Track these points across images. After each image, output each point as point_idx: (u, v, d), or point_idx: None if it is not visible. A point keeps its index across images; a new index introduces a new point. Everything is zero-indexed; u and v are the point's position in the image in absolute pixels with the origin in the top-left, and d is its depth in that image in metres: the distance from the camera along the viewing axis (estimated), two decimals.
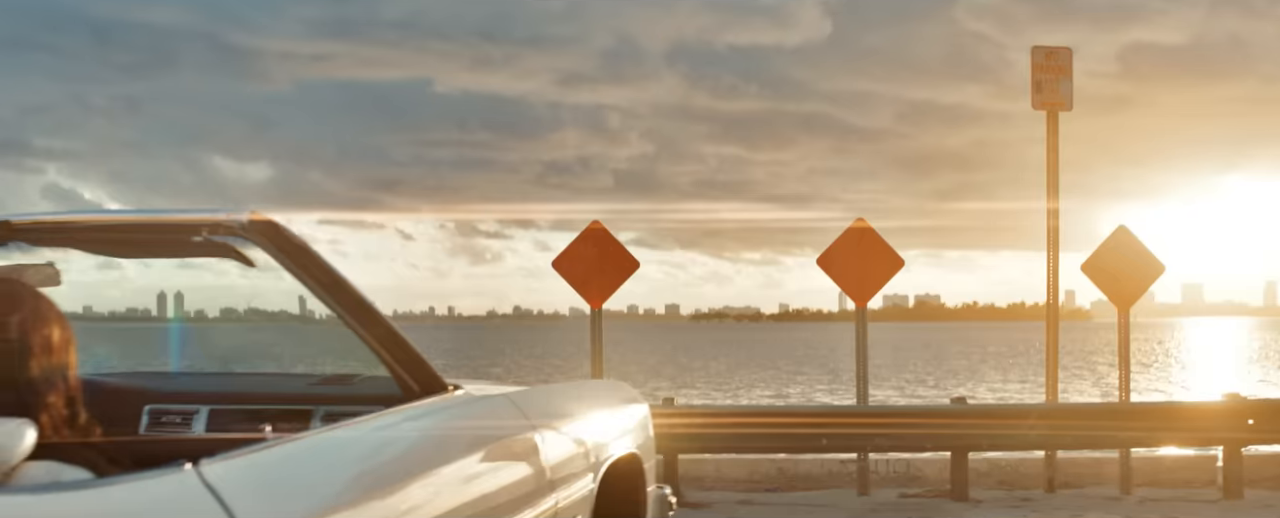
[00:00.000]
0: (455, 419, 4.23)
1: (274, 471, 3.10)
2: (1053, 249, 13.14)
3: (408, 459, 3.81)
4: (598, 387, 6.08)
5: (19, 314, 3.20)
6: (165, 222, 4.09)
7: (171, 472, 2.69)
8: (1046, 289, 13.26)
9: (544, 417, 4.80)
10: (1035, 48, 13.04)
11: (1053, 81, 12.95)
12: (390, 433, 3.84)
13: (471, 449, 4.19)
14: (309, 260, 3.94)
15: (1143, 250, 12.87)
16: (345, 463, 3.47)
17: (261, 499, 2.89)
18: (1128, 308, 12.96)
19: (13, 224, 3.98)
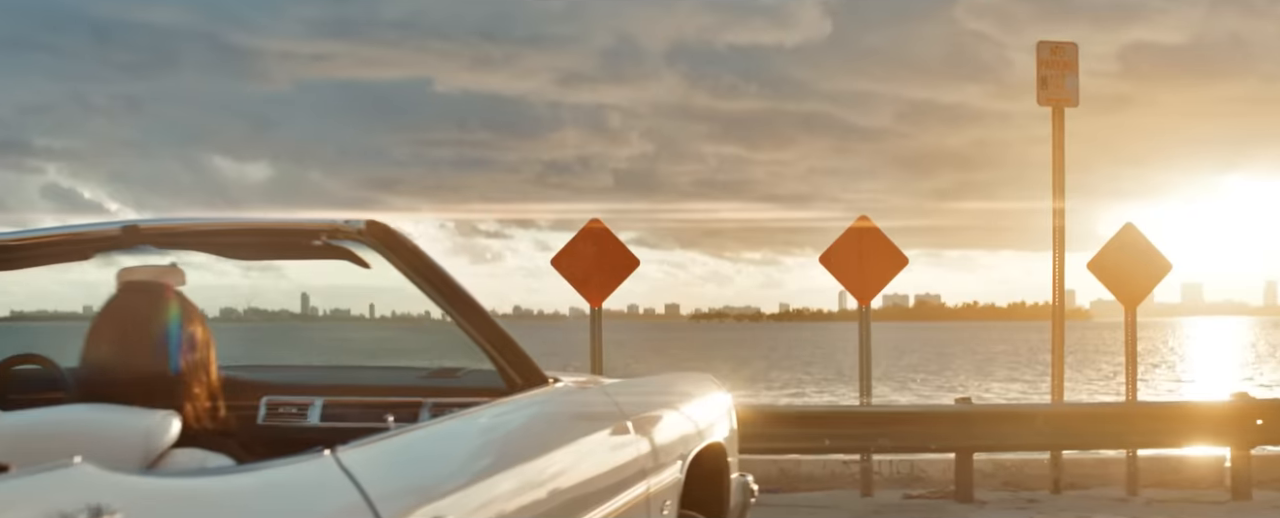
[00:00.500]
0: (555, 410, 4.58)
1: (400, 456, 3.41)
2: (1058, 248, 12.99)
3: (514, 446, 4.13)
4: (686, 379, 6.24)
5: (167, 315, 3.52)
6: (287, 227, 4.48)
7: (312, 457, 2.99)
8: (1052, 288, 13.11)
9: (636, 407, 5.11)
10: (1041, 43, 12.87)
11: (1058, 77, 12.79)
12: (498, 422, 4.20)
13: (570, 438, 4.48)
14: (420, 262, 4.26)
15: (1150, 248, 12.70)
16: (460, 450, 3.83)
17: (391, 481, 3.19)
18: (1135, 307, 12.81)
19: (140, 228, 4.31)
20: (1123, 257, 12.67)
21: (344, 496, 2.98)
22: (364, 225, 4.13)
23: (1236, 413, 12.03)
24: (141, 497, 2.42)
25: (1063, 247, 13.04)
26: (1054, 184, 13.00)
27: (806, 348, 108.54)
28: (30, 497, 2.19)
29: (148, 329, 3.51)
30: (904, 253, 12.73)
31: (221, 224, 4.62)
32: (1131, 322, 12.84)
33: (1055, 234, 13.02)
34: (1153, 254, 12.70)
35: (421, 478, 3.43)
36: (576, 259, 12.28)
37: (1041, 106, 12.91)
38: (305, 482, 2.96)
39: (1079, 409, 14.04)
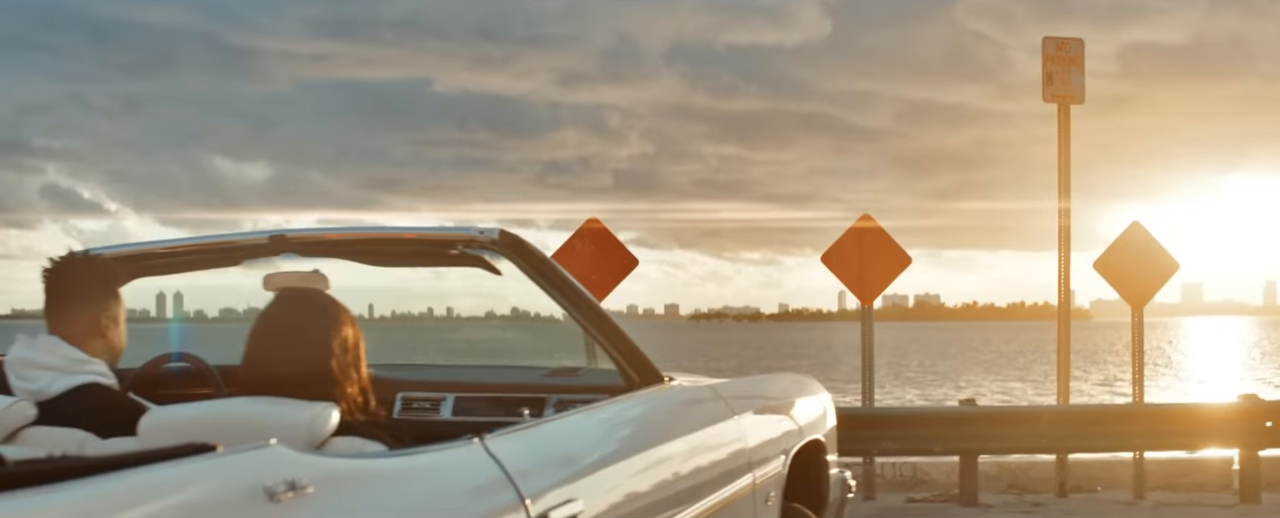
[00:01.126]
0: (671, 405, 4.99)
1: (537, 443, 3.82)
2: (1064, 248, 12.81)
3: (635, 437, 4.53)
4: (789, 380, 6.54)
5: (323, 319, 3.82)
6: (426, 237, 4.89)
7: (463, 443, 3.41)
8: (1058, 289, 12.93)
9: (743, 404, 5.42)
10: (1046, 39, 12.68)
11: (1064, 73, 12.60)
12: (620, 415, 4.63)
13: (684, 431, 4.83)
14: (548, 269, 4.66)
15: (1157, 247, 12.51)
16: (588, 439, 4.22)
17: (530, 465, 3.56)
18: (1141, 307, 12.63)
19: (288, 238, 4.80)
20: (1129, 256, 12.49)
21: (491, 476, 3.40)
22: (497, 235, 4.57)
23: (1245, 414, 11.82)
24: (325, 474, 2.81)
25: (1068, 247, 12.86)
26: (1059, 183, 12.83)
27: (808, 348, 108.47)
28: (237, 472, 2.58)
29: (306, 331, 3.80)
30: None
31: (364, 234, 5.14)
32: (1138, 322, 12.65)
33: (1061, 234, 12.83)
34: (1160, 253, 12.52)
35: (556, 463, 3.80)
36: (574, 259, 12.05)
37: (1047, 104, 12.72)
38: (459, 464, 3.38)
39: (1085, 411, 13.86)
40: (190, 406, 3.56)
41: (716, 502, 4.79)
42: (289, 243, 4.82)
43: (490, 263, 4.79)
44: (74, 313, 4.22)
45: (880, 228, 12.56)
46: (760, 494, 5.30)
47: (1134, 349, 12.73)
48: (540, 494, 3.47)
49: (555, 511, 3.50)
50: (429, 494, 3.18)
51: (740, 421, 5.28)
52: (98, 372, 4.17)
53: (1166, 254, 12.51)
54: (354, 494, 2.89)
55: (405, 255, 5.15)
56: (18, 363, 4.10)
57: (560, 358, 5.95)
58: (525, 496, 3.40)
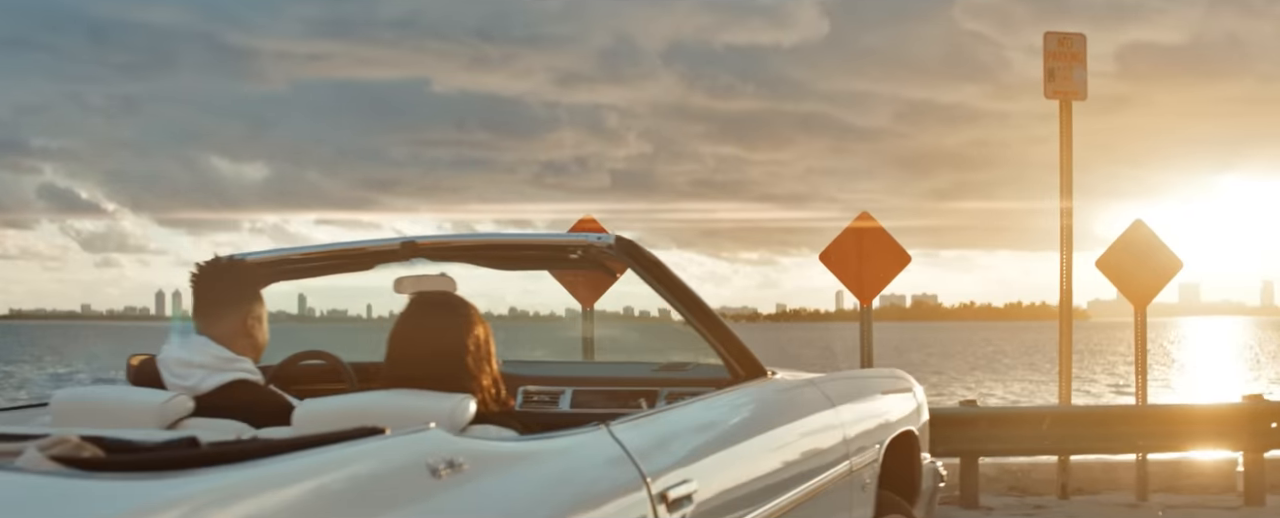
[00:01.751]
0: (774, 397, 5.33)
1: (656, 430, 4.18)
2: (1066, 248, 12.63)
3: (742, 426, 4.86)
4: (883, 375, 6.95)
5: (457, 319, 4.19)
6: (547, 242, 5.43)
7: (591, 429, 3.81)
8: (1060, 289, 12.75)
9: (841, 397, 5.75)
10: (1047, 34, 12.49)
11: (1065, 69, 12.42)
12: (729, 406, 4.96)
13: (787, 421, 5.18)
14: (660, 271, 5.01)
15: (1160, 246, 12.32)
16: (700, 427, 4.54)
17: (651, 450, 3.92)
18: (1144, 306, 12.43)
19: (417, 244, 5.19)
20: (1132, 255, 12.31)
21: (617, 457, 3.76)
22: (614, 241, 4.92)
23: (1250, 415, 11.64)
24: (477, 454, 3.20)
25: (1070, 247, 12.68)
26: (1061, 182, 12.65)
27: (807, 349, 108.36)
28: (402, 452, 2.98)
29: (443, 331, 4.15)
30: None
31: (489, 240, 5.48)
32: (1141, 322, 12.47)
33: (1063, 234, 12.66)
34: (1163, 252, 12.33)
35: (672, 447, 4.14)
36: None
37: (1047, 101, 12.54)
38: (589, 446, 3.74)
39: (1087, 412, 13.66)
40: (339, 398, 3.97)
41: (816, 486, 5.12)
42: (419, 248, 5.21)
43: (608, 266, 5.33)
44: (222, 314, 4.58)
45: (879, 226, 12.38)
46: (856, 481, 5.63)
47: (1137, 349, 12.56)
48: (659, 474, 3.85)
49: (673, 489, 3.87)
50: (565, 472, 3.56)
51: (838, 412, 5.61)
52: (245, 369, 4.53)
53: (1170, 253, 12.32)
54: (501, 472, 3.26)
55: (528, 260, 5.67)
56: (172, 362, 4.44)
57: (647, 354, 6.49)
58: (646, 475, 3.78)
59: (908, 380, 6.96)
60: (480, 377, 4.15)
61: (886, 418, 6.21)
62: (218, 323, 4.57)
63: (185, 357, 4.44)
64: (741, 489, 4.44)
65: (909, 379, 7.01)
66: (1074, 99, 12.53)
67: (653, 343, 12.04)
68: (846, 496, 5.53)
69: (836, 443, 5.46)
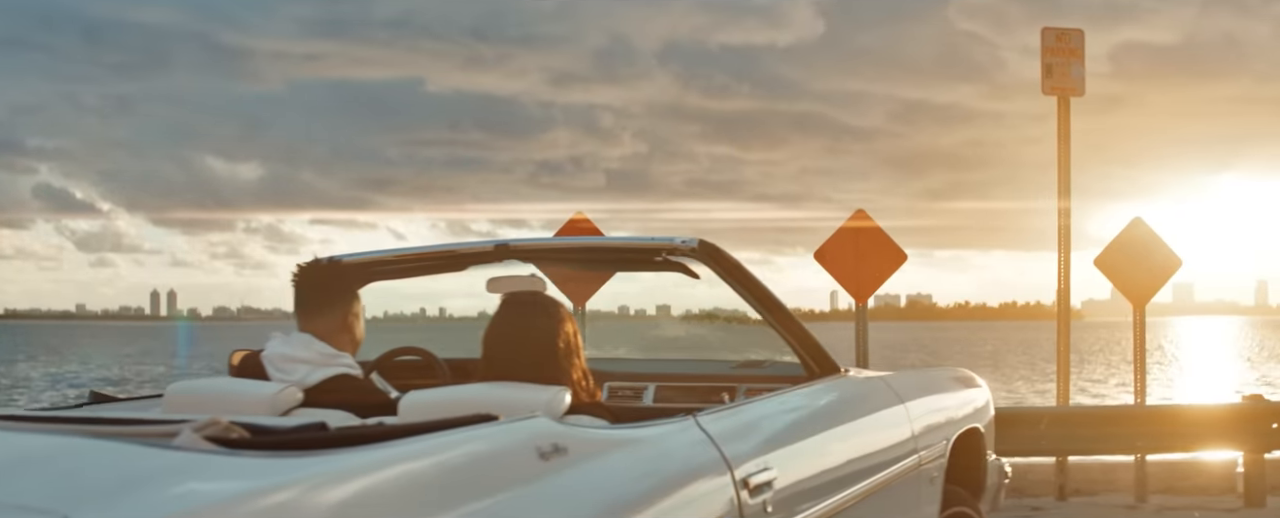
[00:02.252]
0: (847, 393, 5.56)
1: (739, 421, 4.42)
2: (1064, 248, 12.44)
3: (818, 420, 5.11)
4: (950, 374, 7.06)
5: (550, 317, 4.50)
6: (632, 245, 5.62)
7: (679, 419, 4.07)
8: (1058, 289, 12.57)
9: (910, 394, 5.96)
10: (1045, 29, 12.32)
11: (1063, 65, 12.26)
12: (805, 401, 5.20)
13: (859, 415, 5.44)
14: (740, 273, 5.32)
15: (1160, 244, 12.16)
16: (780, 420, 4.78)
17: (734, 439, 4.18)
18: (1143, 305, 12.28)
19: (510, 246, 5.48)
20: (1131, 253, 12.15)
21: (703, 445, 4.01)
22: (696, 244, 5.18)
23: (1250, 416, 11.48)
24: (578, 440, 3.48)
25: (1068, 246, 12.49)
26: (1059, 179, 12.49)
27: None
28: (514, 437, 3.27)
29: (536, 328, 4.46)
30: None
31: (578, 243, 6.01)
32: (1140, 321, 12.32)
33: (1061, 234, 12.46)
34: (1162, 250, 12.17)
35: (754, 438, 4.37)
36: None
37: (1045, 97, 12.39)
38: (677, 435, 3.98)
39: (1085, 412, 13.53)
40: (442, 390, 4.19)
41: (886, 478, 5.34)
42: (511, 250, 5.50)
43: (689, 268, 5.40)
44: (323, 312, 4.83)
45: (875, 225, 12.23)
46: (924, 475, 5.83)
47: (1135, 349, 12.41)
48: (742, 462, 4.10)
49: (755, 476, 4.11)
50: (658, 457, 3.81)
51: (908, 408, 5.82)
52: (347, 364, 4.76)
53: (1169, 251, 12.16)
54: (601, 457, 3.52)
55: (614, 262, 5.90)
56: (276, 357, 4.67)
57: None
58: (731, 462, 4.03)
59: (975, 379, 7.15)
60: (572, 370, 4.44)
61: (953, 415, 6.42)
62: (319, 320, 4.82)
63: (289, 352, 4.68)
64: (817, 478, 4.69)
65: (976, 378, 7.19)
66: (1072, 96, 12.36)
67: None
68: (914, 488, 5.76)
69: (905, 438, 5.67)
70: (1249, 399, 11.78)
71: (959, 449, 6.28)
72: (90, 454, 2.66)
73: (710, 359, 7.02)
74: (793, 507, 4.38)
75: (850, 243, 12.06)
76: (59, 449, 2.69)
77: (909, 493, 5.70)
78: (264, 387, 4.43)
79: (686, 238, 5.23)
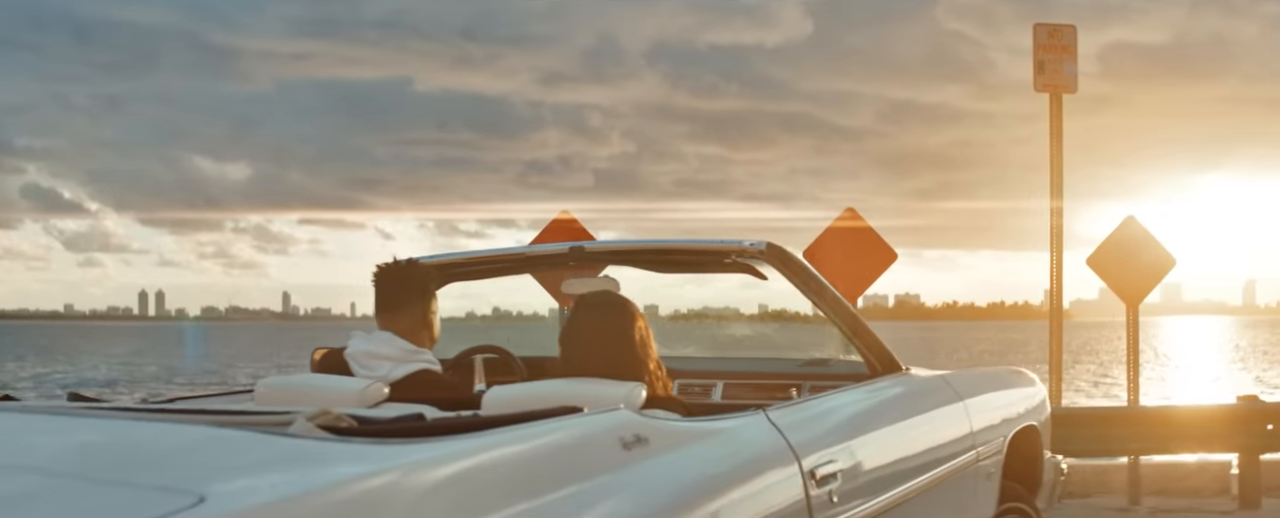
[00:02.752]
0: (908, 391, 5.72)
1: (805, 416, 4.62)
2: (1056, 248, 12.29)
3: (881, 415, 5.25)
4: (1008, 373, 7.17)
5: (624, 315, 4.74)
6: (703, 248, 5.71)
7: (750, 414, 4.24)
8: (1050, 289, 12.43)
9: (969, 392, 6.09)
10: (1037, 26, 12.17)
11: (1056, 61, 12.11)
12: (868, 398, 5.35)
13: (920, 412, 5.61)
14: (806, 275, 5.52)
15: (1153, 243, 12.03)
16: (845, 415, 4.95)
17: (802, 432, 4.34)
18: (1136, 304, 12.16)
19: (584, 249, 5.79)
20: (1124, 252, 12.03)
21: (773, 438, 4.19)
22: (764, 247, 5.37)
23: (1245, 417, 11.34)
24: (657, 431, 3.66)
25: (1060, 245, 12.32)
26: (1052, 179, 12.33)
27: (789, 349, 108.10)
28: (598, 427, 3.48)
29: (612, 327, 4.69)
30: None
31: (649, 245, 5.84)
32: (1133, 320, 12.19)
33: (1052, 233, 12.31)
34: (1155, 249, 12.04)
35: (821, 431, 4.57)
36: None
37: (1038, 93, 12.23)
38: (748, 428, 4.17)
39: (1078, 413, 13.33)
40: (524, 385, 4.49)
41: (945, 472, 5.49)
42: (585, 253, 5.81)
43: (758, 270, 5.60)
44: (404, 311, 5.09)
45: (864, 224, 12.08)
46: (982, 471, 5.98)
47: (1129, 349, 12.29)
48: (809, 453, 4.28)
49: (821, 467, 4.29)
50: (731, 449, 3.97)
51: (967, 405, 5.95)
52: (427, 360, 5.00)
53: (1162, 250, 12.03)
54: (678, 447, 3.71)
55: (685, 264, 5.98)
56: (360, 354, 4.93)
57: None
58: (799, 454, 4.21)
59: (1032, 378, 7.26)
60: (647, 366, 4.68)
61: (1011, 413, 6.53)
62: (400, 318, 5.07)
63: (372, 349, 4.93)
64: (880, 471, 4.86)
65: (1033, 377, 7.29)
66: (1064, 93, 12.21)
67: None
68: (973, 484, 5.91)
69: (964, 434, 5.82)
70: (1244, 400, 11.64)
71: (1016, 446, 6.43)
72: (215, 441, 2.93)
73: (778, 358, 7.12)
74: (857, 497, 4.55)
75: (840, 242, 11.91)
76: (185, 437, 3.02)
77: (967, 488, 5.85)
78: (351, 382, 4.69)
79: (755, 241, 5.41)
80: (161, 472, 2.69)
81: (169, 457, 2.82)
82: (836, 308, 5.61)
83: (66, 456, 2.91)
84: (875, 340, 5.74)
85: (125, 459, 2.81)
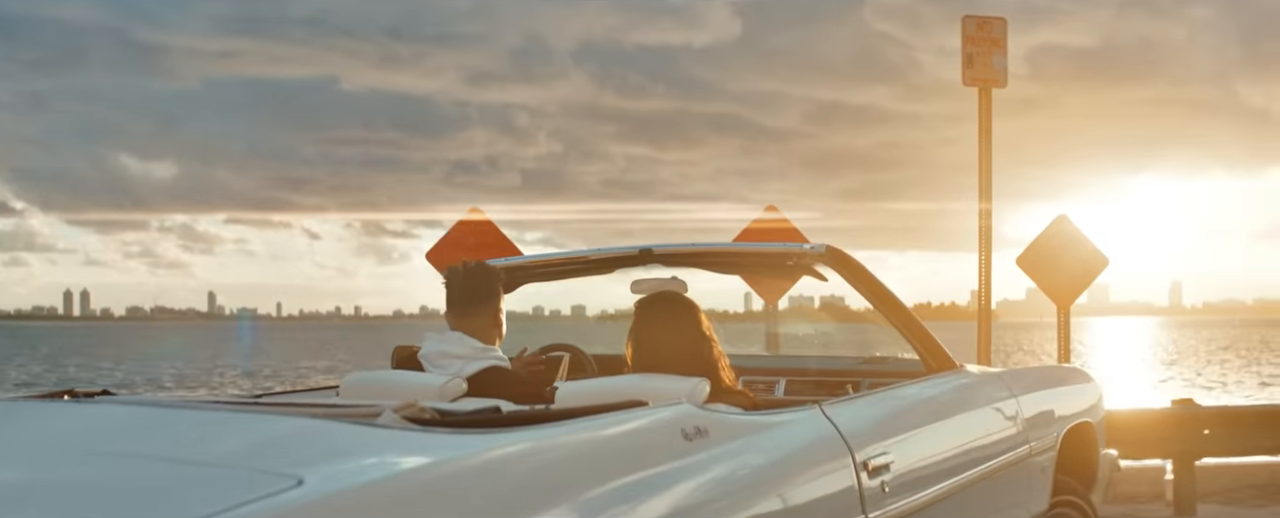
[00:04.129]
0: (963, 387, 5.81)
1: (861, 411, 4.73)
2: (985, 248, 11.86)
3: (935, 411, 5.39)
4: (1063, 371, 7.45)
5: (690, 315, 4.92)
6: (766, 250, 6.29)
7: (806, 408, 4.42)
8: (979, 291, 12.01)
9: (1023, 389, 6.24)
10: (966, 18, 11.72)
11: (985, 54, 11.68)
12: (923, 394, 5.48)
13: (973, 408, 5.71)
14: (864, 275, 5.73)
15: (1084, 242, 11.68)
16: (898, 411, 5.11)
17: (857, 427, 4.49)
18: (1068, 305, 11.80)
19: (653, 251, 5.94)
20: (1055, 251, 11.68)
21: (828, 431, 4.33)
22: (824, 249, 5.63)
23: (1180, 421, 11.07)
24: (718, 424, 3.84)
25: (990, 247, 11.88)
26: (981, 175, 11.92)
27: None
28: (662, 420, 3.66)
29: (679, 325, 4.88)
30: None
31: (715, 248, 6.16)
32: (1065, 322, 11.86)
33: (981, 232, 11.88)
34: (1088, 248, 11.69)
35: (875, 425, 4.69)
36: (456, 252, 11.10)
37: (967, 87, 11.82)
38: (805, 421, 4.31)
39: None
40: (594, 380, 4.85)
41: (997, 465, 5.62)
42: (654, 255, 5.94)
43: (818, 271, 5.86)
44: (474, 312, 5.36)
45: (786, 220, 11.74)
46: (1036, 465, 6.14)
47: (1060, 351, 11.94)
48: (863, 447, 4.42)
49: (874, 459, 4.44)
50: (787, 441, 4.11)
51: (1021, 402, 6.09)
52: (497, 357, 5.26)
53: (1095, 249, 11.68)
54: (738, 439, 3.86)
55: (749, 266, 6.50)
56: (433, 354, 5.22)
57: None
58: (852, 447, 4.35)
59: (1087, 376, 7.46)
60: (713, 362, 4.80)
61: (1065, 409, 6.68)
62: (471, 319, 5.34)
63: (446, 349, 5.21)
64: (932, 465, 4.98)
65: (1089, 375, 7.49)
66: (994, 87, 11.78)
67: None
68: (1025, 477, 6.05)
69: (1018, 430, 5.95)
70: (1179, 404, 11.40)
71: (1070, 442, 6.62)
72: (309, 431, 3.15)
73: (837, 356, 7.26)
74: (908, 489, 4.69)
75: (760, 240, 11.51)
76: (280, 428, 3.20)
77: (1020, 481, 6.00)
78: (432, 378, 4.97)
79: (815, 244, 5.70)
80: (262, 458, 2.92)
81: (267, 445, 3.04)
82: (893, 308, 5.81)
83: (172, 443, 3.18)
84: (931, 339, 5.91)
85: (227, 447, 3.06)
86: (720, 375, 4.80)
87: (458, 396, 4.86)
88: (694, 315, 4.95)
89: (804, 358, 7.40)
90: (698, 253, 6.07)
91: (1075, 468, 6.80)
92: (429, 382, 4.92)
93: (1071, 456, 6.67)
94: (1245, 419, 11.47)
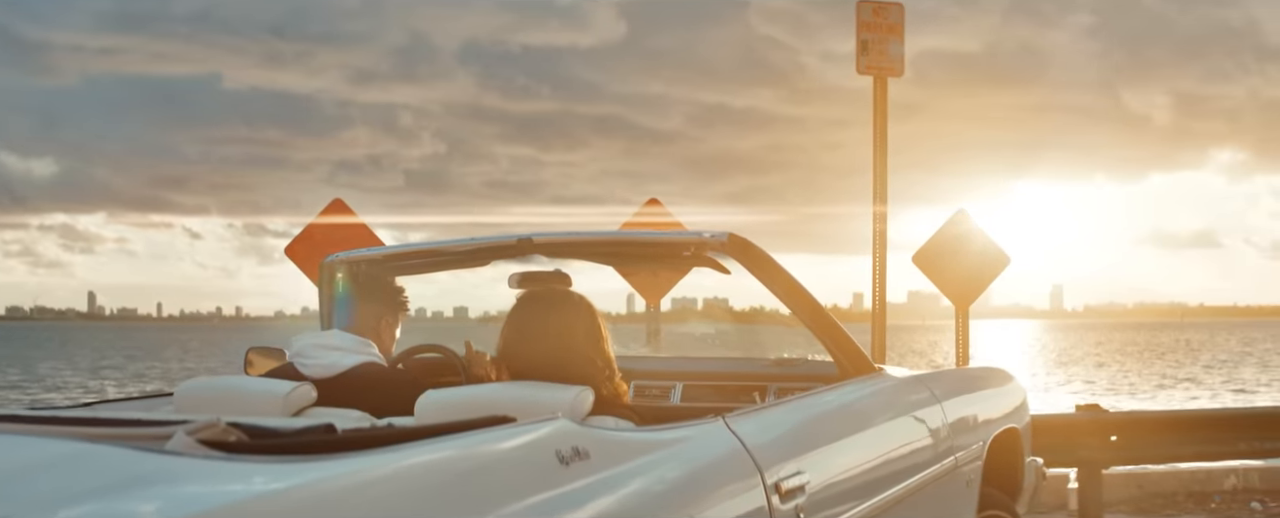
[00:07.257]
0: (881, 393, 5.38)
1: (769, 423, 4.31)
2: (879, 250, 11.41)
3: (852, 420, 4.94)
4: (987, 373, 6.89)
5: (571, 311, 4.45)
6: (660, 239, 5.71)
7: (708, 421, 3.96)
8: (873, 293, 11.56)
9: (946, 393, 5.82)
10: (861, 3, 11.16)
11: (881, 42, 11.16)
12: (838, 401, 5.03)
13: (895, 416, 5.30)
14: (770, 266, 5.14)
15: (985, 240, 11.24)
16: (812, 421, 4.67)
17: (765, 441, 4.06)
18: (967, 305, 11.36)
19: (534, 241, 5.29)
20: (954, 250, 11.21)
21: (732, 448, 3.90)
22: (726, 238, 5.01)
23: (1085, 428, 10.58)
24: (601, 443, 3.32)
25: (884, 249, 11.42)
26: (875, 169, 11.44)
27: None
28: (532, 440, 3.09)
29: (558, 323, 4.36)
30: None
31: (603, 237, 5.55)
32: (964, 324, 11.41)
33: (876, 238, 11.40)
34: (988, 246, 11.26)
35: (785, 439, 4.24)
36: (318, 246, 10.39)
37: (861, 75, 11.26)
38: (706, 437, 3.86)
39: None
40: (462, 388, 4.15)
41: (923, 480, 5.22)
42: (534, 245, 5.28)
43: (719, 263, 5.22)
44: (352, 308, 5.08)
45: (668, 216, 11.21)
46: (961, 476, 5.73)
47: (958, 352, 11.46)
48: (773, 465, 3.96)
49: (786, 480, 3.98)
50: (684, 461, 3.62)
51: (944, 408, 5.68)
52: (375, 354, 4.84)
53: (996, 247, 11.29)
54: (625, 461, 3.35)
55: (641, 257, 6.05)
56: (307, 347, 4.76)
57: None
58: (761, 466, 3.90)
59: (1009, 377, 7.06)
60: (597, 369, 4.31)
61: (991, 415, 6.32)
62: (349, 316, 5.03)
63: (321, 341, 4.81)
64: (852, 481, 4.58)
65: (1010, 376, 7.09)
66: (890, 75, 11.29)
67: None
68: (952, 490, 5.67)
69: (943, 439, 5.57)
70: (1084, 410, 10.88)
71: (996, 450, 6.24)
72: (79, 460, 2.52)
73: (743, 358, 6.72)
74: (826, 511, 4.29)
75: None
76: (43, 453, 2.59)
77: (946, 496, 5.63)
78: (278, 385, 4.39)
79: (716, 232, 5.07)
80: (6, 496, 2.33)
81: (20, 478, 2.43)
82: (802, 304, 5.30)
83: None
84: (847, 340, 5.42)
85: None
86: (605, 384, 4.32)
87: (305, 406, 4.33)
88: (576, 311, 4.44)
89: (703, 360, 6.81)
90: (583, 242, 5.45)
91: (1001, 478, 6.44)
92: (271, 389, 4.36)
93: (997, 464, 6.28)
94: (1155, 425, 11.06)
